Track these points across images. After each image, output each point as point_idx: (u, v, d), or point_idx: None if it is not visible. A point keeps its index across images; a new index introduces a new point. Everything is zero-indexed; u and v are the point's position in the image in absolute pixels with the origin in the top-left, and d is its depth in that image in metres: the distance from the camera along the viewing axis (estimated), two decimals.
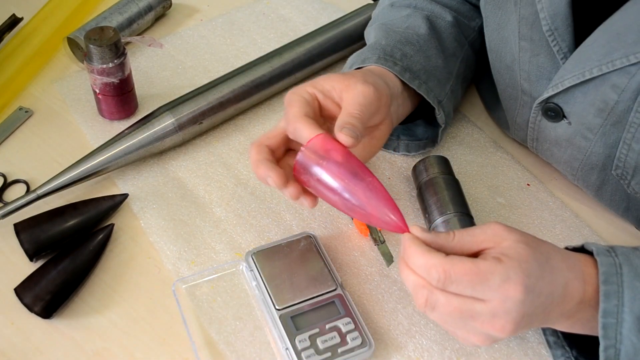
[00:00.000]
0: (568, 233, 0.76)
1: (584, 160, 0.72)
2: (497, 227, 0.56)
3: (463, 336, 0.56)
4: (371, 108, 0.65)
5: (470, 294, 0.53)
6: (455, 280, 0.53)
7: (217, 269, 0.71)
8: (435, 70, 0.78)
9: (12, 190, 0.79)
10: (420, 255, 0.54)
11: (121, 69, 0.83)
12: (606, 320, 0.55)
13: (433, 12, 0.83)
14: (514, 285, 0.52)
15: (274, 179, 0.63)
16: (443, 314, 0.54)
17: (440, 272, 0.53)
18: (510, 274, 0.52)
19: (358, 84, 0.65)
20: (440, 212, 0.72)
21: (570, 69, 0.67)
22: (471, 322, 0.54)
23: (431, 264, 0.53)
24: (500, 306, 0.53)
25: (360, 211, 0.60)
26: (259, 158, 0.64)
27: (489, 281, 0.52)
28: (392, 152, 0.83)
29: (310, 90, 0.66)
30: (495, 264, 0.53)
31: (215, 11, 1.07)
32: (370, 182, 0.60)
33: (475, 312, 0.53)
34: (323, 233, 0.75)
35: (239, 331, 0.66)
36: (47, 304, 0.66)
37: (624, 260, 0.56)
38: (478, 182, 0.81)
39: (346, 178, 0.60)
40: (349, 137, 0.61)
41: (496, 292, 0.52)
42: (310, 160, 0.61)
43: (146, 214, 0.76)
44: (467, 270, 0.53)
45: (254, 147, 0.66)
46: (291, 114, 0.64)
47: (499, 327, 0.53)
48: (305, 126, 0.62)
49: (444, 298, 0.54)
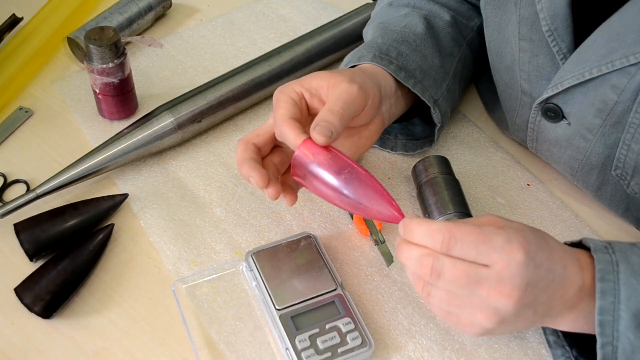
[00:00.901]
0: (568, 233, 0.76)
1: (584, 160, 0.72)
2: (492, 216, 0.58)
3: (469, 317, 0.56)
4: (354, 106, 0.66)
5: (474, 257, 0.54)
6: (460, 239, 0.54)
7: (217, 269, 0.71)
8: (431, 70, 0.78)
9: (12, 190, 0.79)
10: (422, 224, 0.55)
11: (121, 69, 0.83)
12: (603, 318, 0.55)
13: (431, 12, 0.83)
14: (516, 247, 0.53)
15: (256, 179, 0.65)
16: (449, 281, 0.54)
17: (444, 231, 0.54)
18: (512, 237, 0.54)
19: (343, 82, 0.66)
20: (440, 212, 0.72)
21: (570, 69, 0.67)
22: (477, 290, 0.54)
23: (435, 227, 0.55)
24: (505, 269, 0.53)
25: (357, 205, 0.61)
26: (244, 157, 0.66)
27: (492, 241, 0.53)
28: (389, 151, 0.83)
29: (298, 89, 0.67)
30: (496, 229, 0.55)
31: (215, 11, 1.07)
32: (364, 176, 0.61)
33: (481, 277, 0.53)
34: (323, 233, 0.75)
35: (239, 331, 0.66)
36: (47, 304, 0.66)
37: (620, 258, 0.56)
38: (478, 182, 0.81)
39: (338, 175, 0.61)
40: (321, 135, 0.62)
41: (499, 253, 0.53)
42: (303, 163, 0.63)
43: (146, 214, 0.76)
44: (470, 230, 0.54)
45: (241, 145, 0.67)
46: (277, 116, 0.65)
47: (506, 293, 0.53)
48: (290, 130, 0.64)
49: (449, 262, 0.54)
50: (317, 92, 0.67)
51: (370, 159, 0.83)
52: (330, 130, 0.62)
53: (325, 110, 0.64)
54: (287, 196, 0.68)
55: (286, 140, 0.64)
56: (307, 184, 0.64)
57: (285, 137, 0.64)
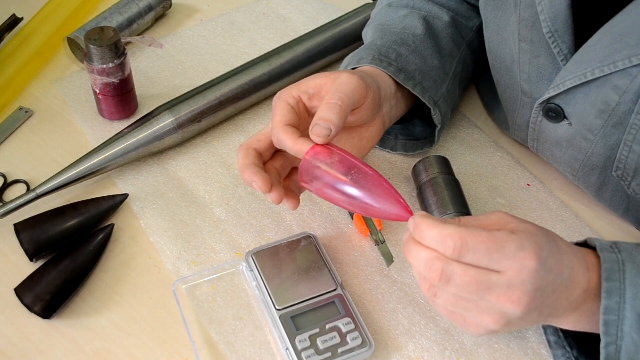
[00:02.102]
0: (568, 233, 0.76)
1: (585, 160, 0.72)
2: (501, 213, 0.57)
3: (474, 319, 0.55)
4: (353, 97, 0.65)
5: (486, 264, 0.53)
6: (472, 247, 0.52)
7: (217, 269, 0.71)
8: (431, 71, 0.78)
9: (12, 190, 0.79)
10: (434, 227, 0.54)
11: (121, 69, 0.83)
12: (607, 317, 0.55)
13: (430, 13, 0.83)
14: (529, 254, 0.53)
15: (259, 184, 0.65)
16: (459, 286, 0.53)
17: (456, 239, 0.53)
18: (525, 244, 0.53)
19: (342, 74, 0.66)
20: (440, 212, 0.72)
21: (572, 69, 0.67)
22: (487, 296, 0.53)
23: (446, 233, 0.53)
24: (516, 276, 0.53)
25: (367, 207, 0.60)
26: (245, 162, 0.66)
27: (504, 248, 0.53)
28: (389, 151, 0.83)
29: (295, 94, 0.67)
30: (509, 234, 0.53)
31: (215, 11, 1.07)
32: (371, 177, 0.60)
33: (491, 283, 0.53)
34: (323, 233, 0.75)
35: (239, 331, 0.66)
36: (47, 304, 0.66)
37: (626, 257, 0.56)
38: (478, 182, 0.81)
39: (345, 180, 0.61)
40: (319, 135, 0.62)
41: (512, 260, 0.52)
42: (309, 170, 0.63)
43: (146, 214, 0.76)
44: (483, 238, 0.53)
45: (242, 151, 0.67)
46: (274, 124, 0.65)
47: (515, 299, 0.53)
48: (286, 136, 0.64)
49: (460, 268, 0.53)
50: (317, 91, 0.67)
51: (370, 159, 0.83)
52: (329, 128, 0.62)
53: (322, 107, 0.64)
54: (289, 200, 0.68)
55: (284, 146, 0.64)
56: (315, 190, 0.64)
57: (283, 144, 0.64)
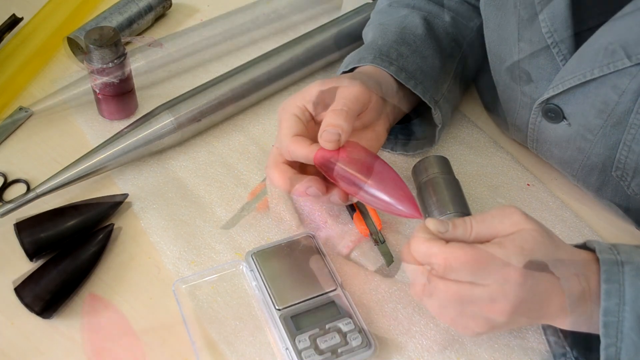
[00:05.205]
0: (568, 233, 0.76)
1: (584, 161, 0.72)
2: (516, 215, 0.56)
3: (462, 324, 0.57)
4: (358, 102, 0.66)
5: (471, 280, 0.54)
6: (456, 268, 0.54)
7: (217, 269, 0.71)
8: (432, 71, 0.78)
9: (12, 190, 0.79)
10: (422, 243, 0.56)
11: (121, 69, 0.83)
12: (607, 319, 0.55)
13: (431, 12, 0.83)
14: (514, 270, 0.53)
15: (318, 186, 0.65)
16: (442, 300, 0.55)
17: (440, 260, 0.54)
18: (513, 259, 0.54)
19: (344, 80, 0.67)
20: (440, 212, 0.72)
21: (571, 69, 0.67)
22: (470, 307, 0.55)
23: (431, 252, 0.55)
24: (498, 290, 0.54)
25: (377, 201, 0.63)
26: (286, 177, 0.65)
27: (489, 266, 0.53)
28: (389, 151, 0.83)
29: (300, 104, 0.67)
30: (496, 249, 0.54)
31: (215, 11, 1.06)
32: (381, 172, 0.63)
33: (475, 297, 0.54)
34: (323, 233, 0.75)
35: (239, 331, 0.66)
36: (47, 304, 0.66)
37: (626, 259, 0.56)
38: (478, 182, 0.81)
39: (359, 174, 0.63)
40: (329, 141, 0.63)
41: (496, 275, 0.53)
42: (323, 168, 0.64)
43: (146, 214, 0.76)
44: (467, 257, 0.54)
45: (276, 170, 0.66)
46: (282, 137, 0.66)
47: (498, 310, 0.54)
48: (298, 146, 0.64)
49: (442, 285, 0.55)
50: (321, 99, 0.67)
51: None
52: (338, 133, 0.63)
53: (329, 114, 0.64)
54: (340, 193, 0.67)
55: (298, 157, 0.65)
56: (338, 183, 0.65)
57: (296, 154, 0.65)
